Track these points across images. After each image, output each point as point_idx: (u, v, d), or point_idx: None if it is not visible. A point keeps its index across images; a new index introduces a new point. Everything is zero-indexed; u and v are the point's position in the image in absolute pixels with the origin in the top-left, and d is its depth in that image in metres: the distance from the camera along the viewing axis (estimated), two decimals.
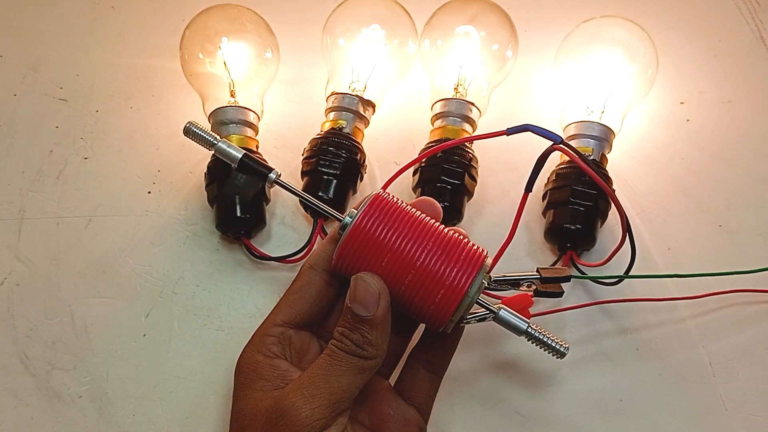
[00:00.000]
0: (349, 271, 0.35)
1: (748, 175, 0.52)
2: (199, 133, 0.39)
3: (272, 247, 0.48)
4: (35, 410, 0.42)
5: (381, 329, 0.34)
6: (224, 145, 0.38)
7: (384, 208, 0.34)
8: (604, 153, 0.48)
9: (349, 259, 0.34)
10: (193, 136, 0.39)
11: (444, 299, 0.34)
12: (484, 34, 0.50)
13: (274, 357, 0.36)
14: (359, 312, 0.34)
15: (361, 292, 0.34)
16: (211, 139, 0.39)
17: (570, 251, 0.46)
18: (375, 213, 0.34)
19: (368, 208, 0.34)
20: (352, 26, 0.51)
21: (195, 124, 0.39)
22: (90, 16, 0.58)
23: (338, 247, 0.35)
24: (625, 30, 0.51)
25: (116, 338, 0.45)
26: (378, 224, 0.34)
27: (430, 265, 0.34)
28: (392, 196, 0.36)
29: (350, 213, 0.35)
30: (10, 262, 0.47)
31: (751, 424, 0.43)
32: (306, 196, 0.39)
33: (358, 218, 0.34)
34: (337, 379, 0.33)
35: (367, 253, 0.34)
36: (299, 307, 0.37)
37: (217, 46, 0.49)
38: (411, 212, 0.35)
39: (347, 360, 0.34)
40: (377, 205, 0.35)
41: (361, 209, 0.34)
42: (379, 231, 0.34)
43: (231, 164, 0.38)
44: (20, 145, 0.52)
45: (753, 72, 0.57)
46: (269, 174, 0.38)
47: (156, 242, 0.48)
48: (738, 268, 0.45)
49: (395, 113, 0.54)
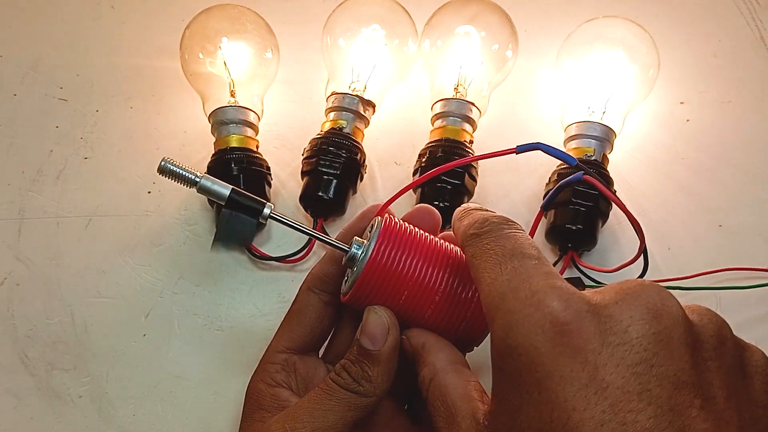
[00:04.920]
0: (366, 303, 0.33)
1: (748, 175, 0.52)
2: (177, 171, 0.33)
3: (272, 247, 0.48)
4: (35, 410, 0.42)
5: (384, 366, 0.31)
6: (208, 182, 0.34)
7: (395, 235, 0.33)
8: (606, 153, 0.48)
9: (366, 294, 0.33)
10: (170, 175, 0.33)
11: (472, 317, 0.33)
12: (484, 34, 0.50)
13: (275, 386, 0.34)
14: (365, 345, 0.31)
15: (371, 325, 0.32)
16: (191, 177, 0.33)
17: (571, 252, 0.46)
18: (388, 243, 0.32)
19: (381, 238, 0.32)
20: (352, 26, 0.51)
21: (170, 161, 0.33)
22: (90, 16, 0.58)
23: (355, 284, 0.33)
24: (626, 30, 0.51)
25: (116, 338, 0.45)
26: (394, 254, 0.32)
27: (449, 288, 0.33)
28: (398, 220, 0.34)
29: (356, 242, 0.33)
30: (10, 262, 0.47)
31: None
32: (309, 230, 0.36)
33: (373, 251, 0.32)
34: (324, 414, 0.31)
35: (386, 286, 0.32)
36: (299, 331, 0.35)
37: (217, 46, 0.49)
38: (420, 235, 0.34)
39: (340, 395, 0.31)
40: (389, 233, 0.33)
41: (373, 239, 0.32)
42: (396, 261, 0.32)
43: (219, 202, 0.34)
44: (20, 145, 0.52)
45: (753, 72, 0.57)
46: (263, 209, 0.34)
47: (156, 242, 0.48)
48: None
49: (395, 113, 0.54)
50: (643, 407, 0.22)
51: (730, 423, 0.23)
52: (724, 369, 0.24)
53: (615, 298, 0.24)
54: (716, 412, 0.23)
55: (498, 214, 0.30)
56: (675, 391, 0.22)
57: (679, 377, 0.23)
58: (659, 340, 0.23)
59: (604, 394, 0.22)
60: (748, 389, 0.25)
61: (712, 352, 0.24)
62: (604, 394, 0.22)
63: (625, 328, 0.23)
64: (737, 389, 0.24)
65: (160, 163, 0.33)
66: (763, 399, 0.25)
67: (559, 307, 0.24)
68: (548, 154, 0.33)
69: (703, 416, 0.22)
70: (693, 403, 0.22)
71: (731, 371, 0.24)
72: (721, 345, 0.25)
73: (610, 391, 0.22)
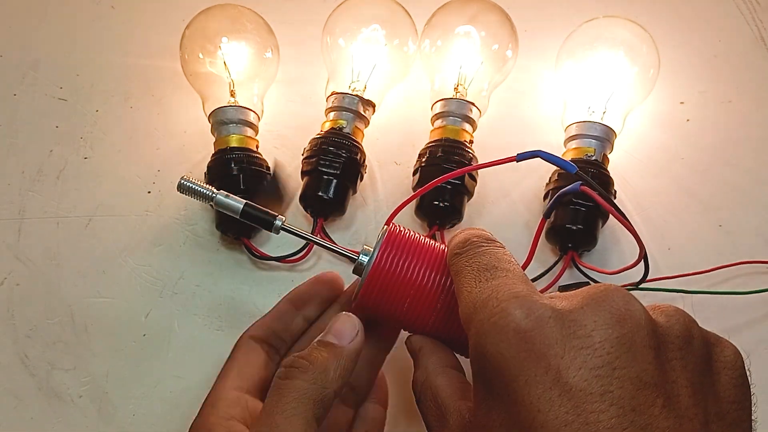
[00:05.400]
0: (372, 309, 0.35)
1: (748, 175, 0.52)
2: (195, 188, 0.36)
3: (272, 246, 0.48)
4: (35, 410, 0.42)
5: (344, 362, 0.32)
6: (223, 196, 0.37)
7: (399, 243, 0.34)
8: (606, 153, 0.48)
9: (372, 299, 0.34)
10: (188, 192, 0.37)
11: None
12: (484, 34, 0.50)
13: (229, 419, 0.33)
14: (330, 339, 0.32)
15: (340, 322, 0.33)
16: (208, 193, 0.37)
17: (571, 252, 0.46)
18: (392, 250, 0.34)
19: (385, 245, 0.34)
20: (352, 26, 0.51)
21: (188, 179, 0.37)
22: (90, 16, 0.58)
23: (361, 290, 0.34)
24: (627, 31, 0.51)
25: (116, 338, 0.45)
26: (397, 260, 0.34)
27: (451, 294, 0.33)
28: (402, 229, 0.35)
29: (364, 251, 0.35)
30: (10, 262, 0.47)
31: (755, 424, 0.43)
32: (319, 240, 0.38)
33: (377, 258, 0.34)
34: (287, 421, 0.29)
35: (390, 291, 0.34)
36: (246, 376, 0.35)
37: (217, 46, 0.49)
38: (425, 244, 0.35)
39: (298, 388, 0.30)
40: (393, 241, 0.34)
41: (377, 247, 0.34)
42: (399, 267, 0.34)
43: (233, 215, 0.37)
44: (20, 144, 0.52)
45: (753, 72, 0.57)
46: (275, 221, 0.37)
47: (156, 242, 0.48)
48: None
49: (395, 113, 0.54)
50: (605, 408, 0.23)
51: (694, 420, 0.24)
52: (689, 367, 0.25)
53: (581, 304, 0.25)
54: (680, 410, 0.24)
55: (480, 233, 0.32)
56: (637, 392, 0.23)
57: (641, 378, 0.24)
58: (622, 343, 0.24)
59: (567, 395, 0.23)
60: (715, 385, 0.26)
61: (677, 352, 0.25)
62: (568, 396, 0.23)
63: (589, 332, 0.24)
64: (703, 386, 0.25)
65: (179, 181, 0.36)
66: (732, 393, 0.26)
67: (521, 315, 0.25)
68: (548, 161, 0.34)
69: (666, 414, 0.23)
70: (655, 402, 0.23)
71: (697, 369, 0.25)
72: (687, 344, 0.26)
73: (573, 392, 0.23)
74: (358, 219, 0.49)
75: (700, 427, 0.24)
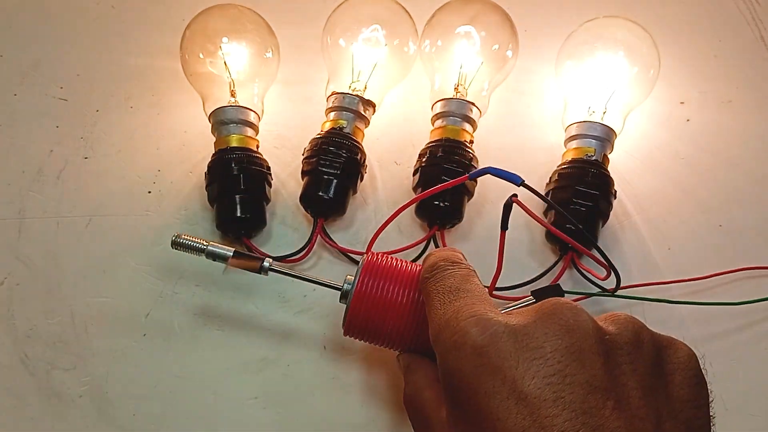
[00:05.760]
0: (361, 333, 0.38)
1: (748, 175, 0.52)
2: (188, 243, 0.40)
3: (272, 247, 0.48)
4: (35, 410, 0.42)
5: None
6: (213, 247, 0.40)
7: (377, 270, 0.37)
8: (606, 153, 0.48)
9: (359, 323, 0.37)
10: (182, 247, 0.40)
11: None
12: (484, 34, 0.51)
13: None
14: None
15: None
16: (200, 246, 0.40)
17: (571, 252, 0.46)
18: (371, 276, 0.37)
19: (364, 273, 0.37)
20: (352, 26, 0.51)
21: (181, 236, 0.40)
22: (90, 16, 0.58)
23: (347, 317, 0.37)
24: (627, 31, 0.51)
25: (116, 338, 0.44)
26: (376, 285, 0.37)
27: None
28: (380, 256, 0.38)
29: (347, 280, 0.38)
30: (10, 261, 0.47)
31: (751, 424, 0.43)
32: (307, 277, 0.40)
33: (357, 285, 0.37)
34: None
35: (374, 314, 0.37)
36: None
37: (218, 46, 0.49)
38: (403, 267, 0.38)
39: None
40: (371, 268, 0.37)
41: (357, 275, 0.37)
42: (378, 291, 0.37)
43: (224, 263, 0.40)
44: (20, 144, 0.52)
45: (753, 72, 0.57)
46: (263, 263, 0.40)
47: (156, 242, 0.48)
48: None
49: (395, 113, 0.54)
50: (558, 412, 0.25)
51: (645, 419, 0.26)
52: (639, 370, 0.27)
53: (533, 318, 0.28)
54: (630, 410, 0.26)
55: (447, 255, 0.35)
56: (588, 396, 0.25)
57: (591, 383, 0.25)
58: (571, 352, 0.26)
59: (523, 403, 0.25)
60: (668, 386, 0.27)
61: (626, 357, 0.27)
62: (524, 404, 0.25)
63: (540, 344, 0.26)
64: (655, 387, 0.27)
65: (172, 238, 0.40)
66: (685, 393, 0.28)
67: (477, 333, 0.28)
68: (497, 176, 0.36)
69: (617, 415, 0.25)
70: (606, 404, 0.25)
71: (648, 371, 0.27)
72: (636, 349, 0.27)
73: (528, 400, 0.25)
74: (358, 219, 0.50)
75: (651, 425, 0.26)
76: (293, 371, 0.44)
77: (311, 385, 0.44)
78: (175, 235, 0.41)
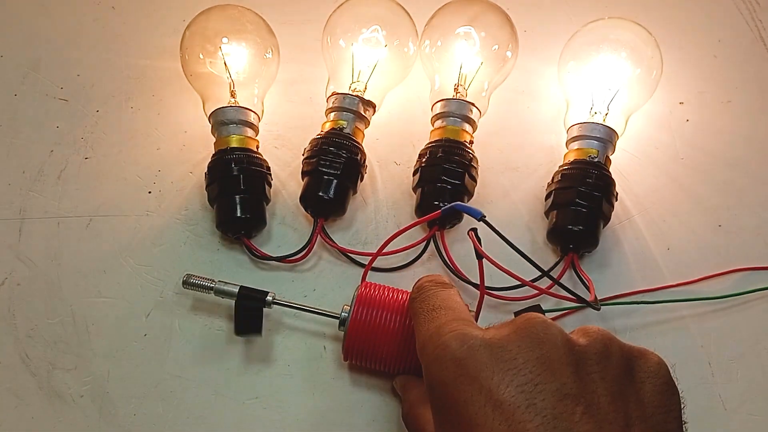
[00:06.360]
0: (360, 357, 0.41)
1: (748, 175, 0.52)
2: (198, 282, 0.43)
3: (273, 247, 0.48)
4: (36, 410, 0.42)
5: None
6: (221, 285, 0.43)
7: (371, 299, 0.40)
8: (608, 155, 0.48)
9: (356, 349, 0.40)
10: (192, 287, 0.43)
11: None
12: (484, 34, 0.51)
13: None
14: None
15: None
16: (208, 284, 0.43)
17: (572, 253, 0.46)
18: (365, 306, 0.40)
19: (358, 302, 0.40)
20: (352, 27, 0.51)
21: (192, 276, 0.43)
22: (90, 16, 0.58)
23: (345, 344, 0.40)
24: (631, 33, 0.50)
25: (117, 338, 0.45)
26: (369, 313, 0.40)
27: None
28: (374, 286, 0.41)
29: (344, 310, 0.41)
30: (10, 262, 0.47)
31: (751, 424, 0.44)
32: (308, 307, 0.43)
33: (352, 313, 0.40)
34: None
35: (370, 341, 0.40)
36: None
37: (218, 47, 0.50)
38: (395, 295, 0.41)
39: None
40: (365, 298, 0.40)
41: (352, 304, 0.40)
42: (373, 319, 0.40)
43: (231, 299, 0.43)
44: (21, 145, 0.52)
45: (753, 72, 0.57)
46: (266, 297, 0.42)
47: (156, 242, 0.48)
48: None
49: (395, 113, 0.54)
50: (531, 417, 0.27)
51: (614, 423, 0.27)
52: (608, 378, 0.29)
53: (507, 332, 0.30)
54: (599, 415, 0.27)
55: (433, 278, 0.38)
56: (558, 402, 0.27)
57: (561, 390, 0.27)
58: (542, 362, 0.28)
59: (499, 410, 0.27)
60: (638, 393, 0.29)
61: (595, 366, 0.29)
62: (500, 410, 0.27)
63: (514, 356, 0.29)
64: (624, 394, 0.29)
65: (184, 278, 0.44)
66: (656, 399, 0.29)
67: (456, 346, 0.30)
68: (461, 211, 0.39)
69: (586, 419, 0.27)
70: (575, 410, 0.27)
71: (617, 379, 0.29)
72: (605, 359, 0.29)
73: (504, 407, 0.27)
74: (359, 219, 0.50)
75: (620, 427, 0.27)
76: (293, 371, 0.44)
77: (311, 385, 0.44)
78: (186, 275, 0.43)
